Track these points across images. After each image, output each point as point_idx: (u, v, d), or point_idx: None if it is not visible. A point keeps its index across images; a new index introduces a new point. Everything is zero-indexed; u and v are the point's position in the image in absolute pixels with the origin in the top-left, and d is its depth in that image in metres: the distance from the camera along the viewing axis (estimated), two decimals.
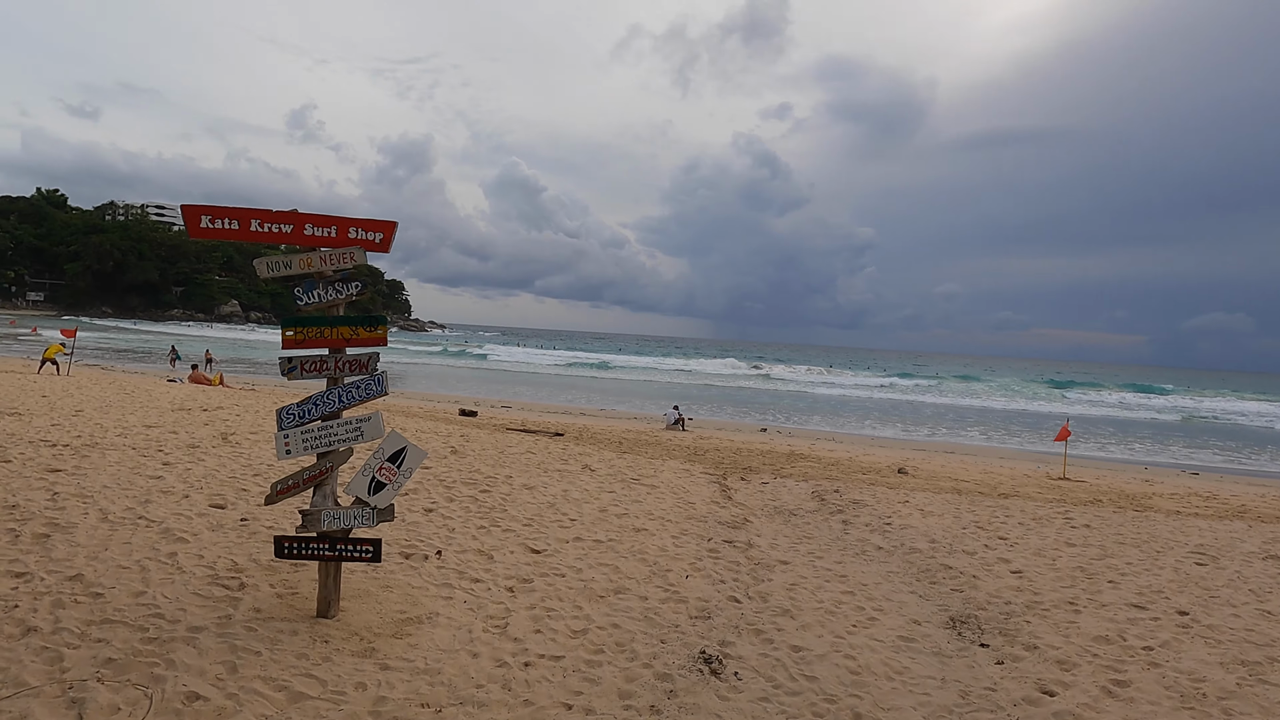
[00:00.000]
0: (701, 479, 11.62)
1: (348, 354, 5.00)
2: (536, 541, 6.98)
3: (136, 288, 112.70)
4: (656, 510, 8.83)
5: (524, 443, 13.73)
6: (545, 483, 9.77)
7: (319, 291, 4.98)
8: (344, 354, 4.99)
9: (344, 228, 5.03)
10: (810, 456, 17.03)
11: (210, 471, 8.51)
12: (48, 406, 12.84)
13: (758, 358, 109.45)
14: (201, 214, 4.79)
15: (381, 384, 4.97)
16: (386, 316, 5.12)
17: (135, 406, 13.84)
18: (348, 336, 4.98)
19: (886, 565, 7.37)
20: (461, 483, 9.21)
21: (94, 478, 7.67)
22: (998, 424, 34.56)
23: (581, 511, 8.37)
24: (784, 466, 14.62)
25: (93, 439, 9.91)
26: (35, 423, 10.93)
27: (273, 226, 4.92)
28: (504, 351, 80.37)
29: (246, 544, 5.97)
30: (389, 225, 5.12)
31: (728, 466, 13.77)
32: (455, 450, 11.59)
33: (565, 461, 11.73)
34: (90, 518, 6.23)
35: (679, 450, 16.10)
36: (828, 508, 10.03)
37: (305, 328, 4.97)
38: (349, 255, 4.98)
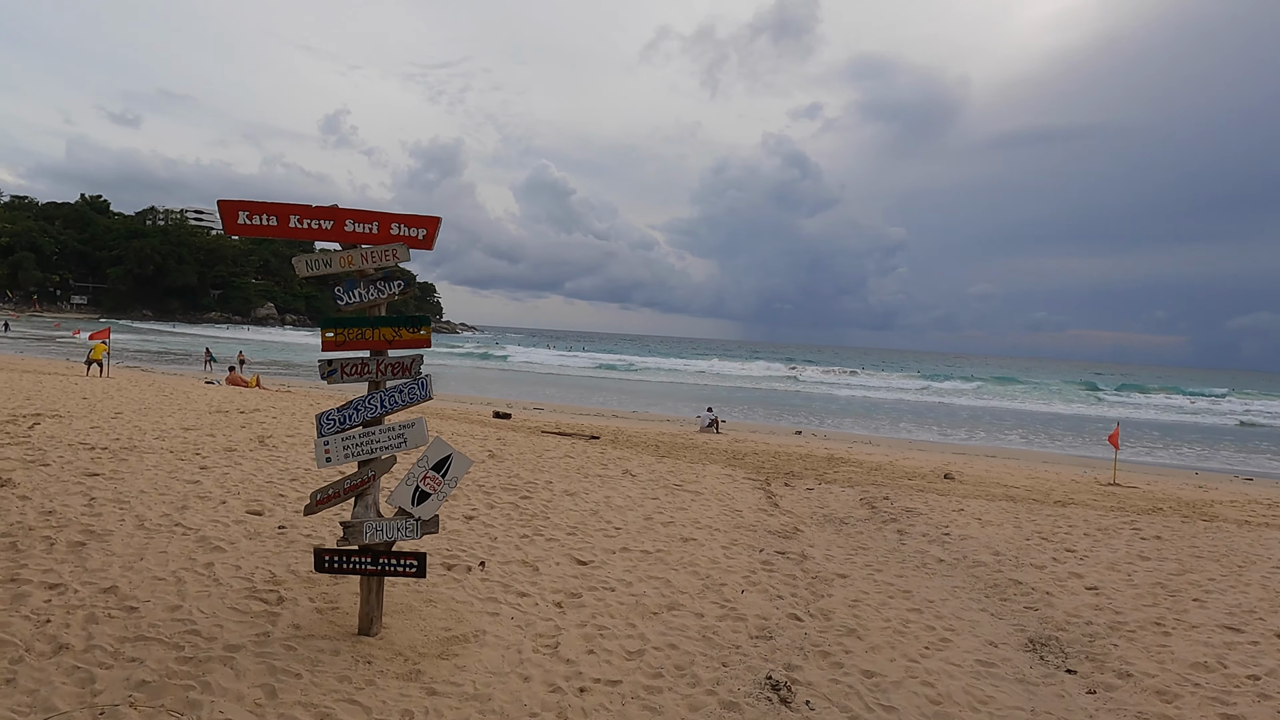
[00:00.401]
0: (745, 485, 11.25)
1: (390, 356, 4.74)
2: (582, 552, 6.68)
3: (176, 291, 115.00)
4: (703, 518, 8.49)
5: (561, 446, 13.47)
6: (586, 489, 9.48)
7: (360, 291, 4.73)
8: (386, 356, 4.74)
9: (386, 224, 4.77)
10: (851, 461, 16.59)
11: (247, 476, 8.35)
12: (88, 409, 12.85)
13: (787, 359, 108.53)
14: (239, 209, 4.56)
15: (425, 388, 4.70)
16: (430, 317, 4.84)
17: (173, 409, 13.83)
18: (390, 338, 4.72)
19: (950, 580, 6.95)
20: (501, 488, 8.95)
21: (131, 482, 7.54)
22: (1037, 427, 33.69)
23: (626, 520, 8.06)
24: (826, 471, 14.20)
25: (131, 442, 9.83)
26: (75, 425, 10.90)
27: (312, 222, 4.68)
28: (523, 353, 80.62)
29: (285, 553, 5.75)
30: (432, 221, 4.85)
31: (770, 471, 13.38)
32: (493, 454, 11.35)
33: (605, 466, 11.44)
34: (126, 524, 6.06)
35: (718, 454, 15.74)
36: (880, 516, 9.61)
37: (346, 329, 4.72)
38: (391, 253, 4.72)
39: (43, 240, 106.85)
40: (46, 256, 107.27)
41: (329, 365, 4.74)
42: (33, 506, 6.33)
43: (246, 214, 4.57)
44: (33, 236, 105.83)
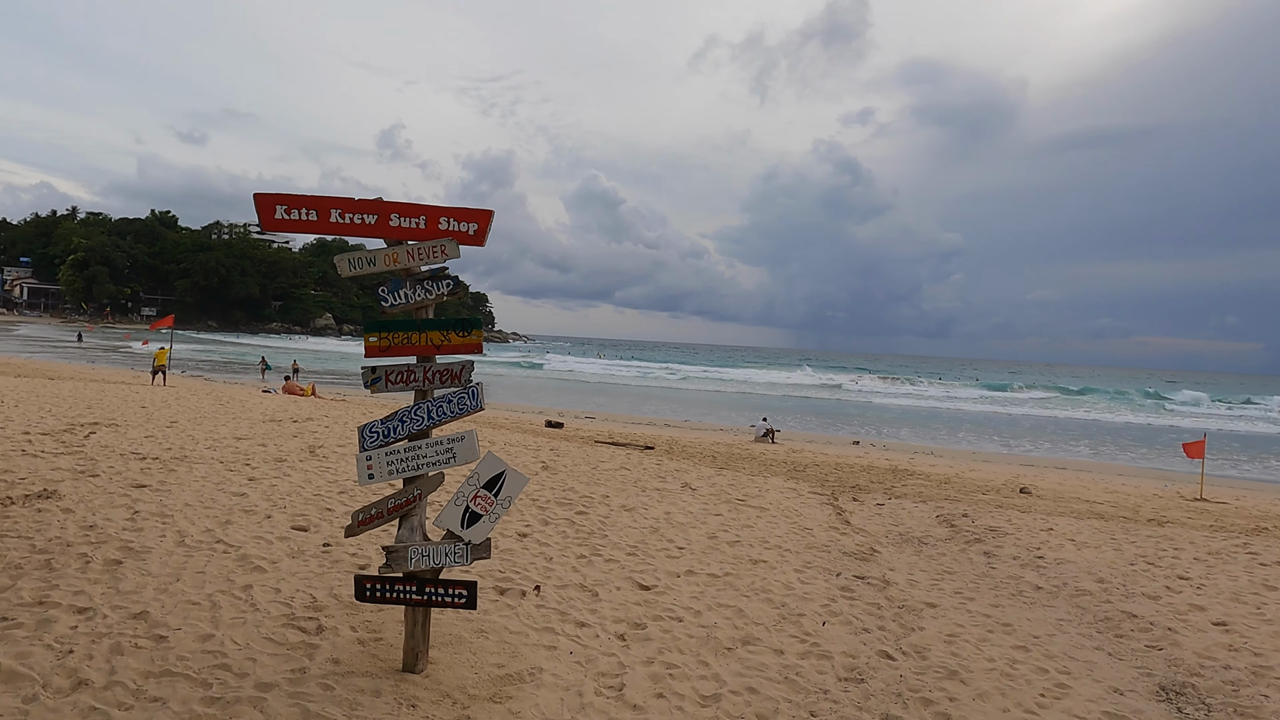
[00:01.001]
0: (811, 500, 10.60)
1: (438, 363, 4.31)
2: (644, 575, 6.16)
3: (239, 302, 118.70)
4: (771, 537, 7.90)
5: (616, 457, 12.99)
6: (645, 503, 8.97)
7: (406, 291, 4.32)
8: (434, 363, 4.31)
9: (434, 218, 4.36)
10: (917, 473, 15.78)
11: (295, 488, 8.07)
12: (145, 417, 12.88)
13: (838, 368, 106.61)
14: (276, 204, 4.19)
15: (476, 398, 4.25)
16: (481, 319, 4.40)
17: (228, 417, 13.79)
18: (438, 342, 4.29)
19: (1053, 611, 6.23)
20: (556, 503, 8.50)
21: (177, 494, 7.30)
22: (1105, 437, 32.03)
23: (689, 538, 7.52)
24: (894, 485, 13.45)
25: (182, 452, 9.69)
26: (130, 434, 10.85)
27: (354, 217, 4.29)
28: (560, 361, 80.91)
29: (327, 575, 5.37)
30: (484, 214, 4.42)
31: (835, 485, 12.69)
32: (547, 466, 10.93)
33: (663, 479, 10.92)
34: (167, 541, 5.77)
35: (778, 466, 15.09)
36: (961, 536, 8.87)
37: (391, 333, 4.31)
38: (440, 249, 4.30)
39: (116, 255, 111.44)
40: (119, 270, 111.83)
41: (373, 372, 4.34)
42: (75, 520, 6.10)
43: (284, 208, 4.20)
44: (106, 251, 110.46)
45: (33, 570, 4.92)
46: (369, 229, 4.31)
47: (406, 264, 4.31)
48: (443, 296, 4.34)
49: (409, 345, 4.30)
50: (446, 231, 4.37)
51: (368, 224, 4.31)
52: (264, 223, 4.20)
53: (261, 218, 4.19)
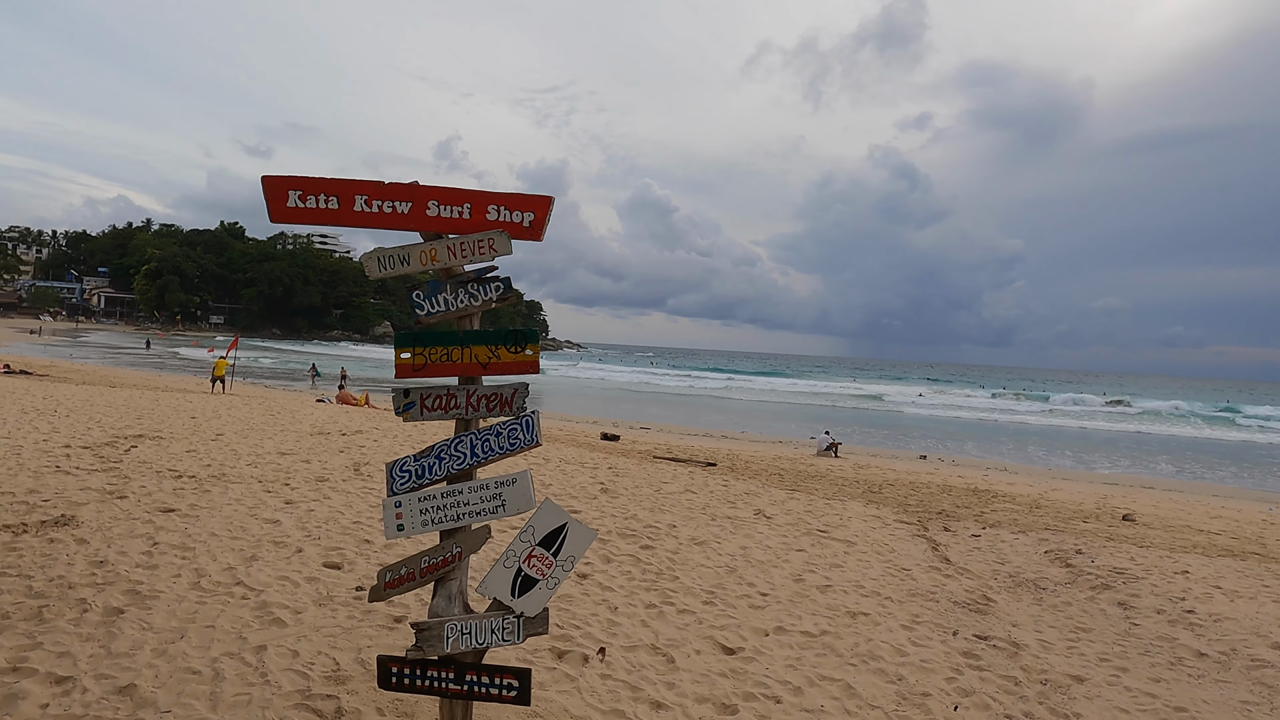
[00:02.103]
0: (899, 530, 9.48)
1: (484, 385, 3.47)
2: (727, 632, 5.21)
3: (302, 310, 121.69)
4: (866, 580, 6.85)
5: (678, 476, 12.05)
6: (716, 535, 8.01)
7: (446, 296, 3.48)
8: (479, 385, 3.46)
9: (481, 206, 3.51)
10: (999, 494, 14.51)
11: (334, 514, 7.36)
12: (192, 429, 12.46)
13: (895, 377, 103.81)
14: (289, 188, 3.40)
15: (531, 430, 3.38)
16: (538, 332, 3.53)
17: (276, 429, 13.32)
18: (484, 360, 3.44)
19: (1231, 689, 5.06)
20: (618, 534, 7.60)
21: (205, 521, 6.65)
22: (1186, 453, 29.78)
23: (772, 581, 6.53)
24: (983, 511, 12.22)
25: (221, 469, 9.11)
26: (172, 448, 10.36)
27: (383, 205, 3.47)
28: (590, 368, 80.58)
29: (357, 630, 4.57)
30: (542, 201, 3.56)
31: (919, 511, 11.52)
32: (606, 489, 10.06)
33: (733, 504, 9.93)
34: (181, 582, 5.06)
35: (851, 486, 13.95)
36: (1084, 579, 7.67)
37: (427, 347, 3.48)
38: (487, 243, 3.45)
39: (186, 264, 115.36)
40: (189, 279, 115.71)
41: (405, 397, 3.51)
42: (86, 554, 5.45)
43: (299, 194, 3.40)
44: (177, 261, 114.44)
45: (20, 621, 4.23)
46: (401, 219, 3.49)
47: (447, 262, 3.48)
48: (491, 303, 3.49)
49: (449, 363, 3.46)
50: (496, 222, 3.52)
51: (400, 214, 3.49)
52: (274, 212, 3.40)
53: (271, 206, 3.40)
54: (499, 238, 3.43)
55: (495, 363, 3.44)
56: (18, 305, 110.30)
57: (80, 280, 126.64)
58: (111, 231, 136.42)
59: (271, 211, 3.40)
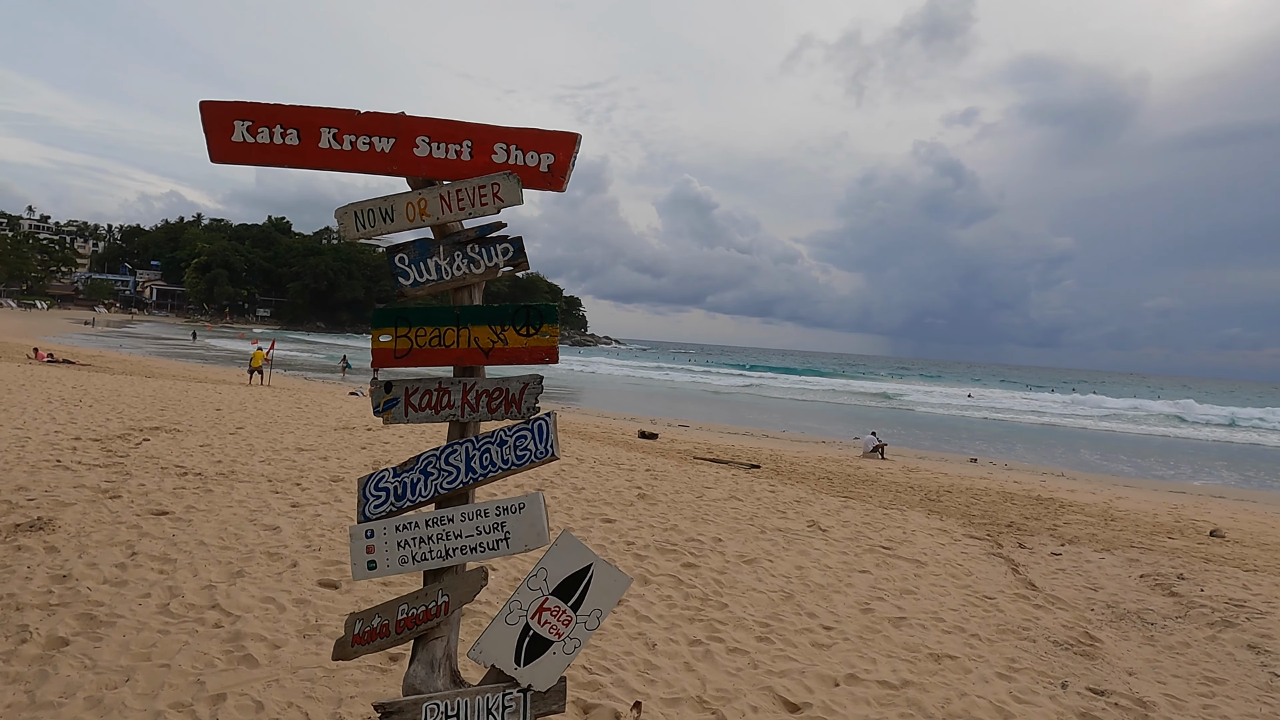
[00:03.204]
0: (971, 547, 8.47)
1: (486, 378, 2.65)
2: (787, 679, 4.32)
3: (346, 304, 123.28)
4: (944, 610, 5.90)
5: (721, 480, 11.16)
6: (768, 551, 7.11)
7: (438, 261, 2.68)
8: (480, 377, 2.65)
9: (485, 143, 2.69)
10: (1064, 503, 13.42)
11: (339, 520, 6.65)
12: (213, 422, 11.95)
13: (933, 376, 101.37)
14: (235, 117, 2.61)
15: (546, 438, 2.55)
16: (556, 306, 2.69)
17: (300, 423, 12.75)
18: (487, 345, 2.62)
19: None
20: (656, 549, 6.75)
21: (198, 527, 5.97)
22: (1246, 460, 27.95)
23: (836, 610, 5.62)
24: (1054, 523, 11.14)
25: (231, 466, 8.49)
26: (186, 442, 9.81)
27: (358, 141, 2.67)
28: (605, 363, 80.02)
29: (341, 672, 3.78)
30: (564, 140, 2.72)
31: (986, 522, 10.47)
32: (643, 494, 9.21)
33: (782, 513, 9.01)
34: (148, 605, 4.35)
35: (906, 493, 12.91)
36: (1196, 613, 6.60)
37: (413, 328, 2.67)
38: (492, 191, 2.63)
39: (235, 258, 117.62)
40: (237, 273, 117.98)
41: (386, 392, 2.71)
42: (50, 566, 4.78)
43: (247, 125, 2.61)
44: (227, 255, 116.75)
45: None
46: (381, 161, 2.69)
47: (439, 216, 2.67)
48: (496, 270, 2.67)
49: (441, 348, 2.65)
50: (504, 165, 2.70)
51: (379, 153, 2.68)
52: (215, 149, 2.61)
53: (211, 141, 2.61)
54: (507, 184, 2.60)
55: (501, 348, 2.62)
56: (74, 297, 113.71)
57: (133, 273, 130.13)
58: (164, 226, 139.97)
59: (212, 148, 2.61)
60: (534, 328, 2.61)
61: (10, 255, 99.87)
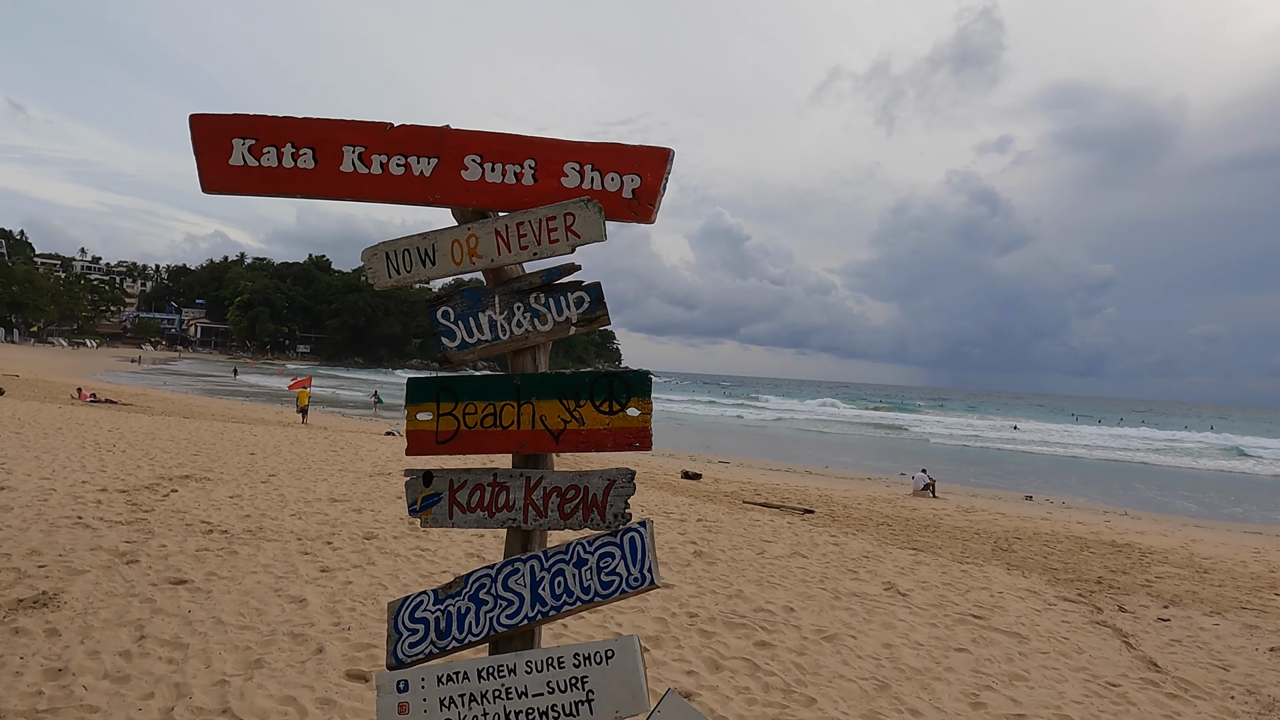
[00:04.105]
0: (1070, 613, 7.57)
1: (556, 472, 2.01)
2: None
3: (383, 340, 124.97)
4: (1066, 704, 5.05)
5: (779, 532, 10.37)
6: (848, 624, 6.31)
7: (492, 315, 2.06)
8: (547, 469, 2.01)
9: (552, 164, 2.08)
10: (1143, 550, 12.48)
11: (375, 587, 6.03)
12: (245, 469, 11.51)
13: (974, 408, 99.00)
14: (234, 134, 2.03)
15: (642, 558, 1.89)
16: (649, 375, 2.04)
17: (333, 470, 12.26)
18: (557, 426, 1.98)
19: None
20: (723, 622, 6.00)
21: (218, 600, 5.39)
22: None
23: (942, 705, 4.81)
24: (1145, 577, 10.16)
25: (260, 521, 7.96)
26: (215, 493, 9.33)
27: (390, 163, 2.07)
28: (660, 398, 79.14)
29: None
30: (654, 156, 2.09)
31: (1069, 577, 9.55)
32: (700, 551, 8.46)
33: (853, 572, 8.19)
34: (150, 711, 3.74)
35: (973, 540, 11.99)
36: None
37: (460, 403, 2.04)
38: (564, 223, 2.01)
39: (276, 296, 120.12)
40: (279, 310, 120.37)
41: (424, 485, 2.07)
42: (47, 656, 4.21)
43: (249, 145, 2.03)
44: (268, 293, 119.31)
45: None
46: (421, 187, 2.09)
47: (495, 257, 2.05)
48: (569, 325, 2.04)
49: (497, 430, 2.02)
50: (578, 190, 2.08)
51: (418, 178, 2.08)
52: (207, 176, 2.03)
53: (203, 165, 2.03)
54: (584, 214, 1.98)
55: (575, 430, 1.98)
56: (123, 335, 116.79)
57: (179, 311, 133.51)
58: (209, 265, 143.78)
59: (204, 173, 2.03)
60: (619, 402, 1.96)
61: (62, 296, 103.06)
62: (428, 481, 2.07)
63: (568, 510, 1.94)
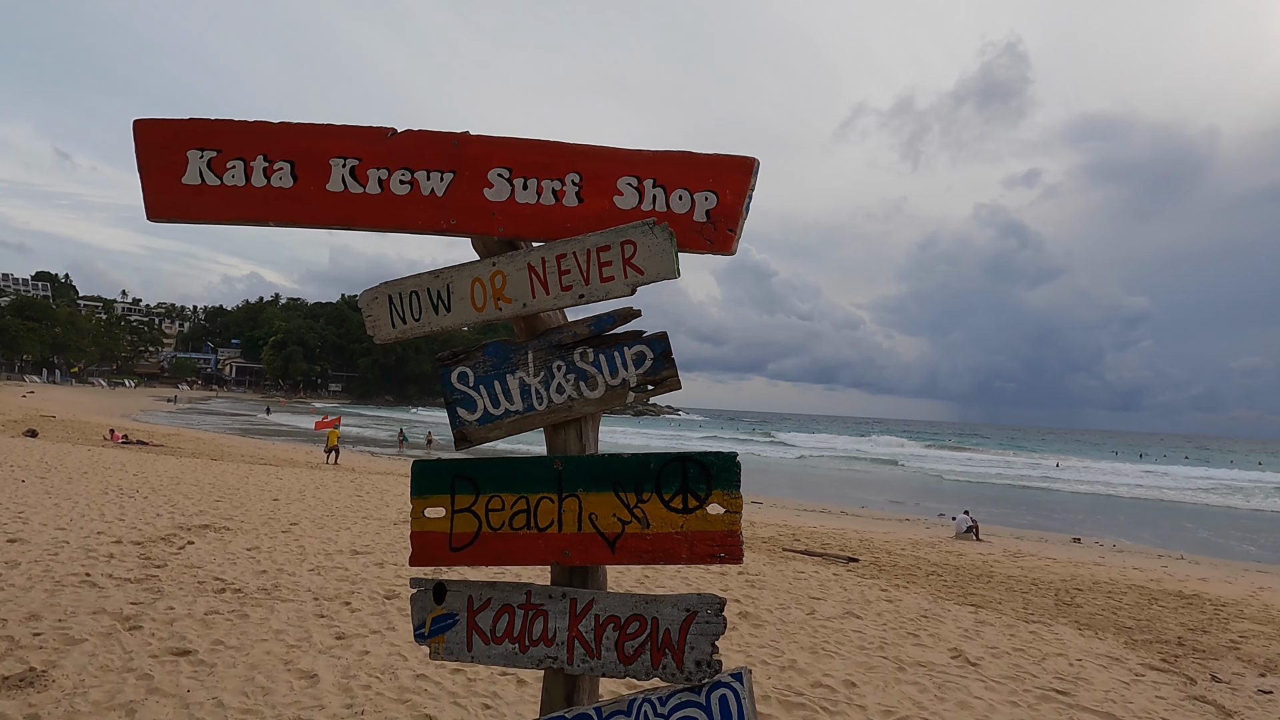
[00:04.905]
0: (1162, 685, 6.78)
1: (612, 594, 1.47)
2: None
3: (413, 378, 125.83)
4: None
5: (827, 587, 9.66)
6: (917, 702, 5.62)
7: (523, 378, 1.54)
8: (600, 589, 1.47)
9: (601, 178, 1.58)
10: (1218, 603, 11.64)
11: (392, 658, 5.49)
12: (266, 517, 11.10)
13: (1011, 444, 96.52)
14: (189, 144, 1.56)
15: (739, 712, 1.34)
16: (737, 458, 1.52)
17: (356, 517, 11.82)
18: (611, 529, 1.45)
19: None
20: (779, 701, 5.34)
21: (222, 675, 4.89)
22: None
23: None
24: (1227, 636, 9.28)
25: (276, 578, 7.49)
26: (234, 544, 8.91)
27: (394, 180, 1.59)
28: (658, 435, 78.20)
29: None
30: (733, 169, 1.58)
31: (1146, 637, 8.73)
32: (745, 612, 7.80)
33: (915, 636, 7.48)
34: None
35: (1032, 592, 11.17)
36: None
37: (482, 495, 1.52)
38: (621, 254, 1.50)
39: (309, 336, 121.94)
40: (311, 349, 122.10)
41: (436, 600, 1.55)
42: None
43: (209, 159, 1.56)
44: (302, 333, 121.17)
45: None
46: (432, 211, 1.61)
47: (529, 301, 1.55)
48: (624, 392, 1.52)
49: (531, 534, 1.50)
50: (633, 213, 1.58)
51: (428, 199, 1.60)
52: (155, 199, 1.56)
53: (150, 187, 1.57)
54: (648, 241, 1.48)
55: (637, 534, 1.45)
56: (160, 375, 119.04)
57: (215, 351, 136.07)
58: (244, 306, 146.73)
59: (150, 196, 1.56)
60: (696, 495, 1.43)
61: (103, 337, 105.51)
62: (439, 597, 1.56)
63: (629, 650, 1.42)
